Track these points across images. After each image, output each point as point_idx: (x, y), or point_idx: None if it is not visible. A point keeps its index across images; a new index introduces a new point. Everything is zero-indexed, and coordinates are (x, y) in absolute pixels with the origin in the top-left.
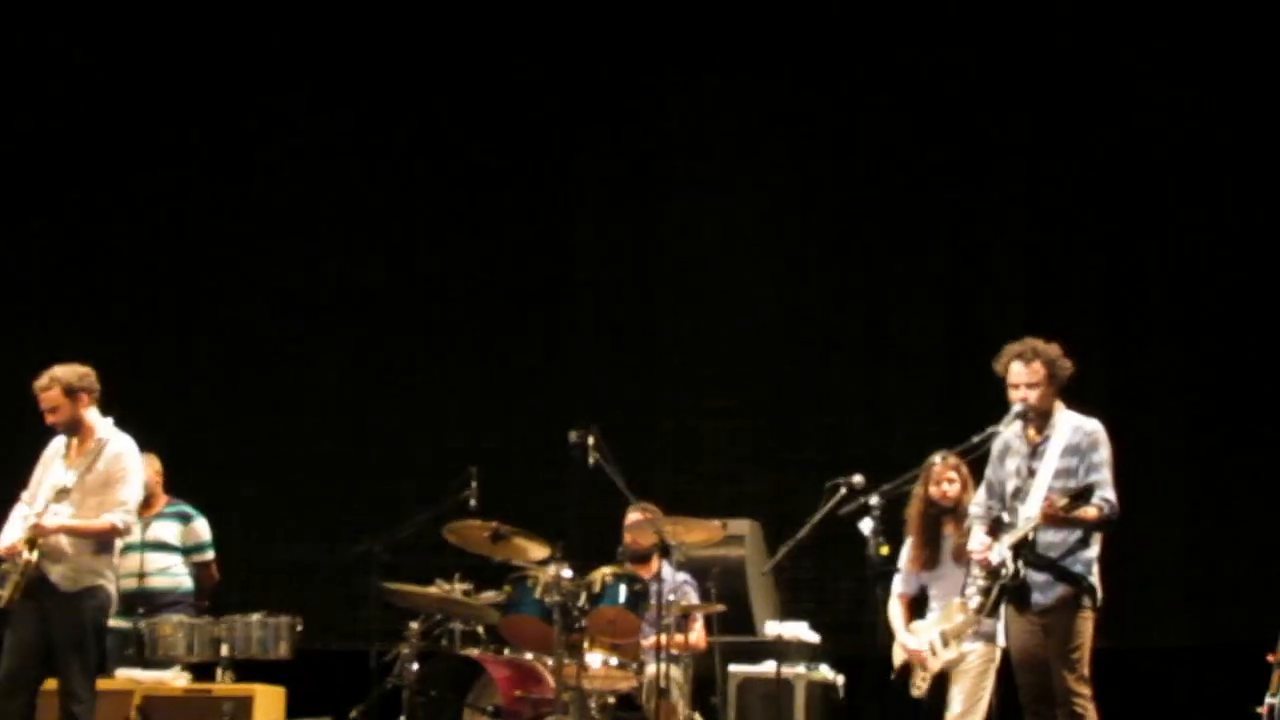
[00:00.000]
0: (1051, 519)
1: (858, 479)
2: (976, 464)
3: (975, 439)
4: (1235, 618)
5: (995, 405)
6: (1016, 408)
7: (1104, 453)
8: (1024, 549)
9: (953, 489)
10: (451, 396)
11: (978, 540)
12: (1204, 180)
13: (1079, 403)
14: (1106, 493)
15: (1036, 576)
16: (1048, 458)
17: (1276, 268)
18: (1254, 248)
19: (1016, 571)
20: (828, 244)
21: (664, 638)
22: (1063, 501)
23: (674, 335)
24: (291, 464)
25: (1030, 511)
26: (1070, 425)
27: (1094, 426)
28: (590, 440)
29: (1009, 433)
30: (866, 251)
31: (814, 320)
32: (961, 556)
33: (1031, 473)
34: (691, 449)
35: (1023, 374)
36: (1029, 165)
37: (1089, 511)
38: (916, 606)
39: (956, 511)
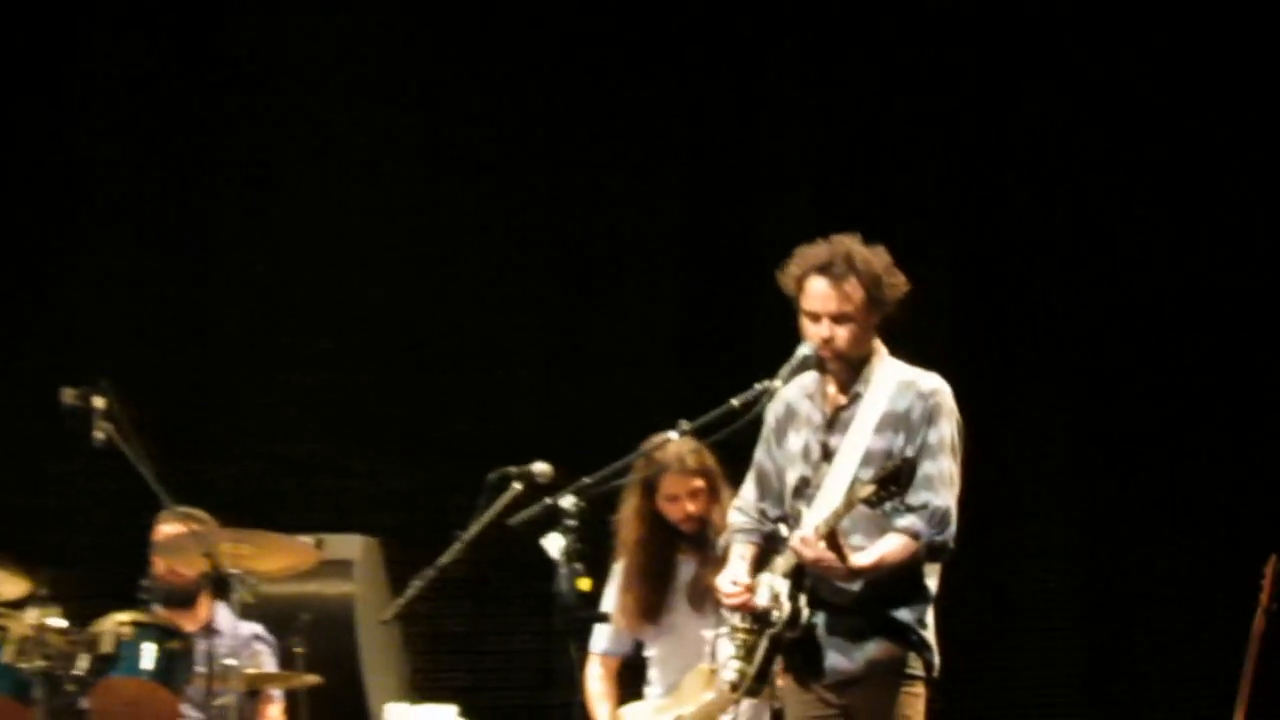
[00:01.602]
0: (816, 562)
1: (540, 469)
2: (738, 446)
3: (736, 401)
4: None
5: (766, 351)
6: (804, 349)
7: (946, 430)
8: (812, 582)
9: (694, 504)
10: None
11: (733, 574)
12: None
13: (919, 356)
14: (935, 497)
15: (833, 627)
16: (855, 432)
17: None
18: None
19: (796, 617)
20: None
21: None
22: (832, 521)
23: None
24: None
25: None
26: (895, 382)
27: (932, 385)
28: (97, 403)
29: (793, 391)
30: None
31: (461, 238)
32: (706, 597)
33: (828, 455)
34: (269, 424)
35: (828, 297)
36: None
37: (891, 546)
38: (631, 676)
39: (702, 532)
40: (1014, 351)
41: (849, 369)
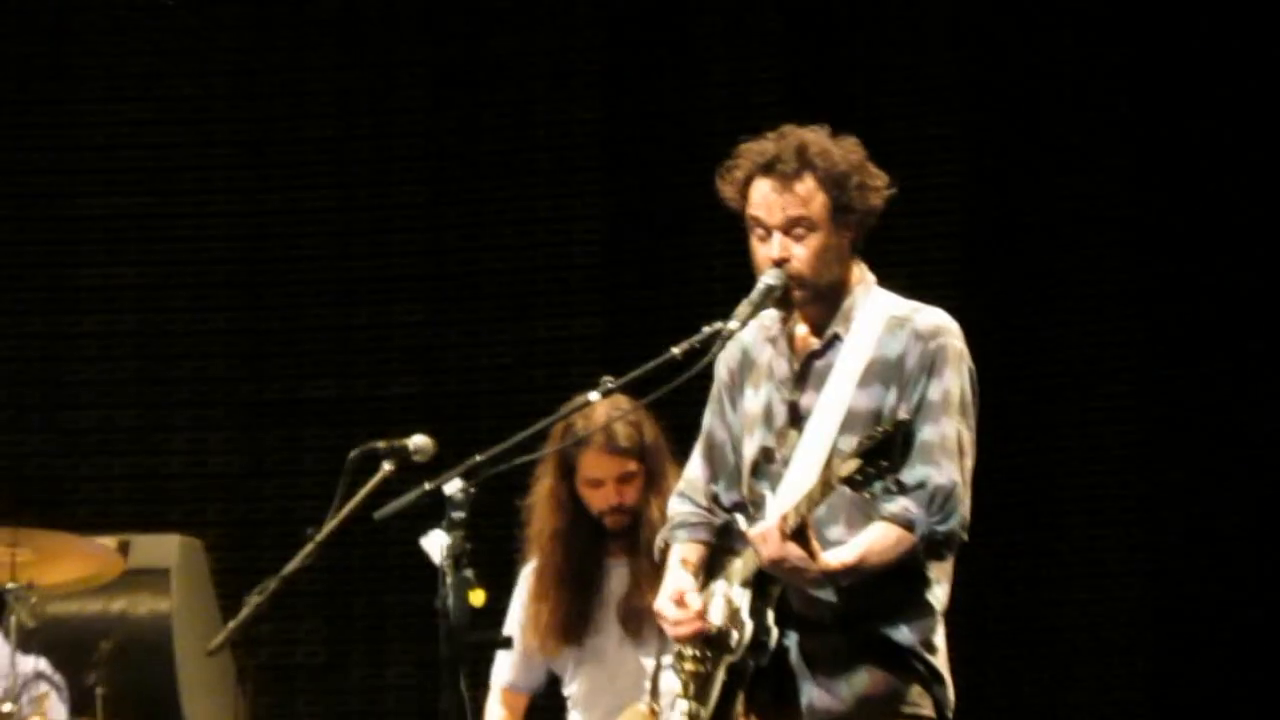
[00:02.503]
0: (780, 562)
1: (418, 443)
2: (686, 411)
3: (678, 350)
4: None
5: (717, 286)
6: (767, 278)
7: (952, 381)
8: (781, 591)
9: (625, 492)
10: None
11: (676, 586)
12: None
13: (921, 286)
14: (936, 472)
15: (811, 652)
16: (833, 386)
17: None
18: None
19: (761, 640)
20: None
21: None
22: (803, 507)
23: None
24: None
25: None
26: (884, 319)
27: (933, 322)
28: None
29: (752, 335)
30: None
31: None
32: (644, 616)
33: (797, 418)
34: (50, 385)
35: (775, 204)
36: None
37: (877, 538)
38: (544, 718)
39: (636, 529)
40: (1046, 274)
41: (823, 304)
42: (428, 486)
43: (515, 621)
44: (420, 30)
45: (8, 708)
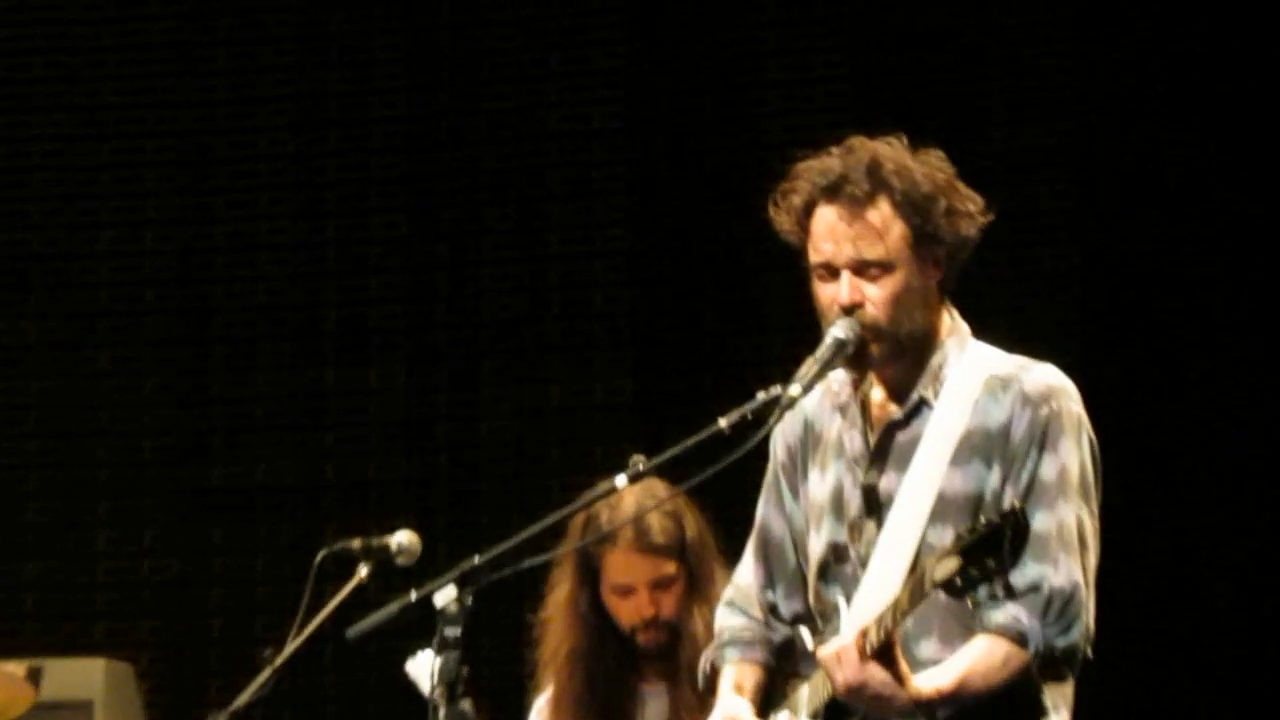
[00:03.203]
0: (859, 689)
1: (402, 541)
2: (736, 496)
3: (726, 422)
4: None
5: (772, 339)
6: (836, 331)
7: (1070, 456)
8: None
9: (662, 602)
10: None
11: (727, 716)
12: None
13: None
14: (1053, 572)
15: None
16: (921, 464)
17: None
18: None
19: None
20: None
21: None
22: (888, 620)
23: None
24: None
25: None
26: (982, 380)
27: (1044, 382)
28: None
29: (816, 404)
30: None
31: None
32: None
33: (876, 505)
34: None
35: (845, 235)
36: None
37: (980, 657)
38: None
39: (675, 647)
40: (1181, 326)
41: (905, 361)
42: (414, 596)
43: None
44: (399, 18)
45: None
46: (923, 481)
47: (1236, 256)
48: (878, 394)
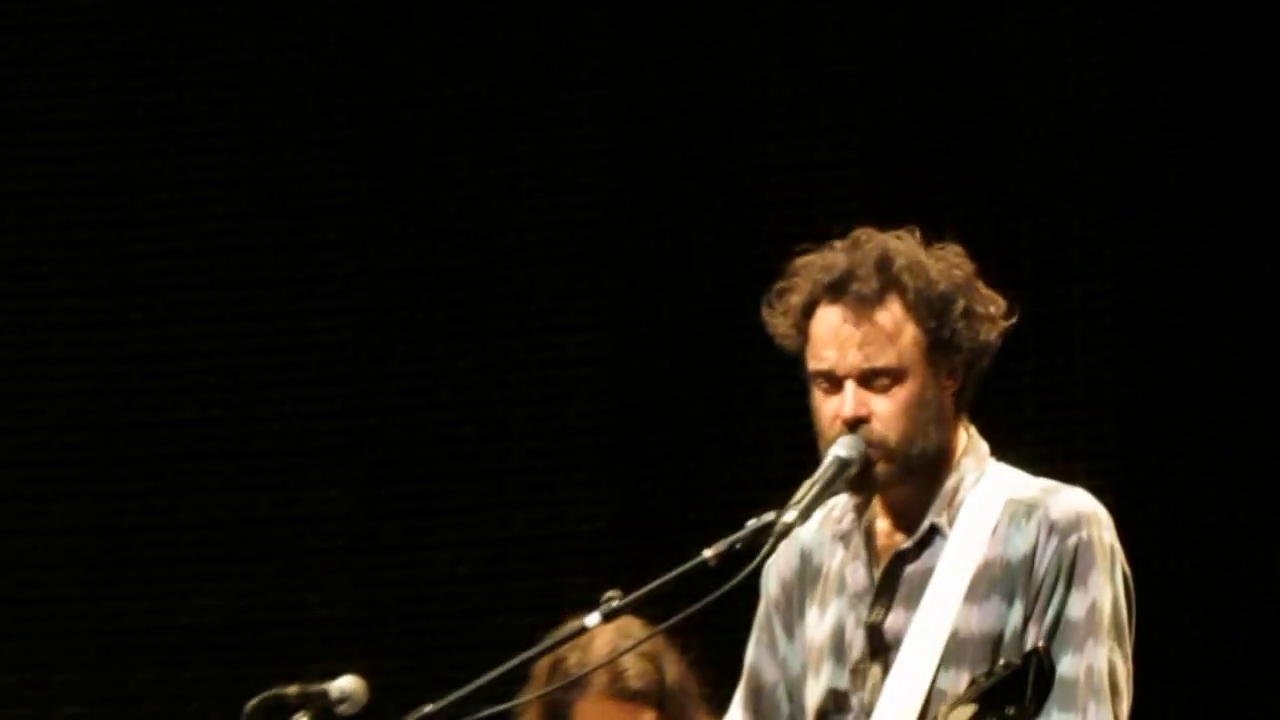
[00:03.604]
0: None
1: (344, 688)
2: (725, 638)
3: (710, 553)
4: None
5: (766, 461)
6: (839, 450)
7: (1102, 591)
8: None
9: None
10: None
11: None
12: None
13: (1058, 457)
14: (1096, 710)
15: None
16: (933, 601)
17: None
18: None
19: None
20: None
21: None
22: None
23: None
24: None
25: None
26: (1002, 503)
27: (1073, 508)
28: None
29: (813, 533)
30: None
31: None
32: None
33: (881, 647)
34: None
35: (851, 340)
36: None
37: None
38: None
39: None
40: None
41: (916, 483)
42: None
43: None
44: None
45: None
46: (934, 620)
47: None
48: (884, 522)
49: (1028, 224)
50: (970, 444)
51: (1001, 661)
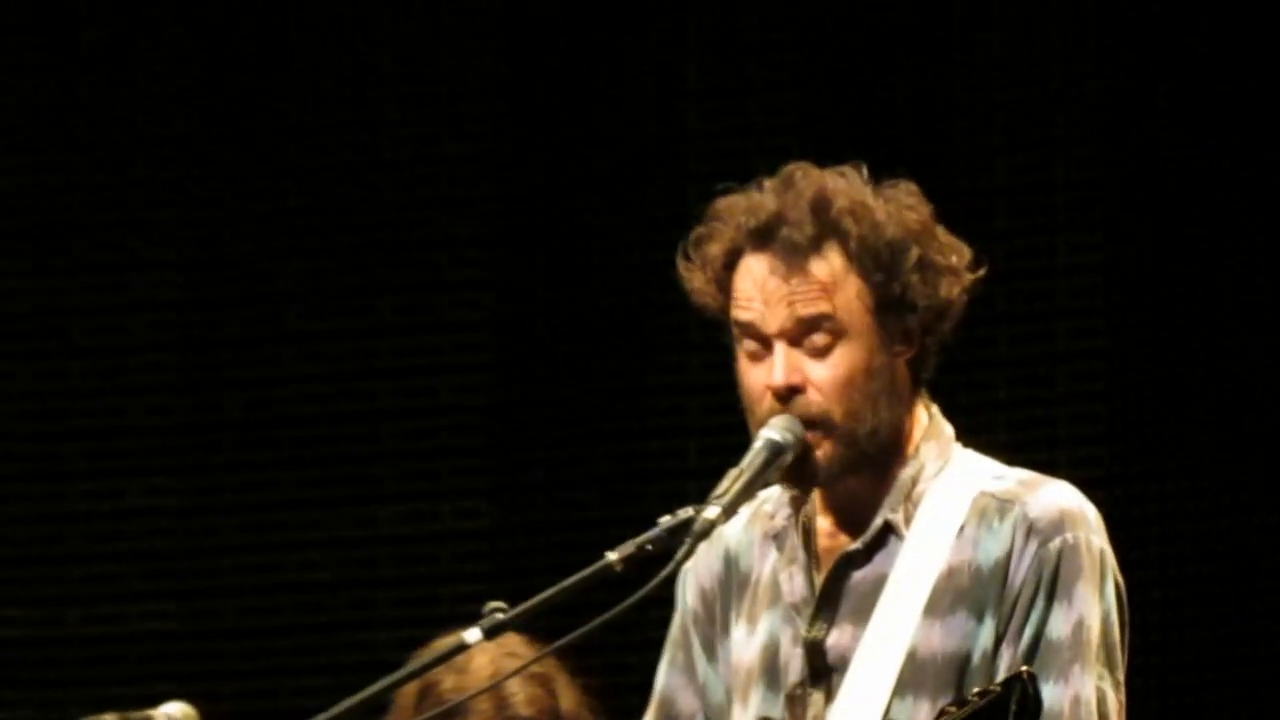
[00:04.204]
0: None
1: (172, 714)
2: (622, 656)
3: (616, 555)
4: None
5: (676, 449)
6: (770, 432)
7: (1089, 606)
8: None
9: None
10: None
11: None
12: None
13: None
14: None
15: None
16: (886, 615)
17: None
18: None
19: None
20: None
21: None
22: None
23: None
24: None
25: None
26: (970, 497)
27: (1058, 506)
28: None
29: (740, 531)
30: None
31: None
32: None
33: (823, 668)
34: None
35: (782, 295)
36: None
37: None
38: None
39: None
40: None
41: (864, 471)
42: None
43: None
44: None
45: None
46: (888, 637)
47: None
48: (826, 519)
49: (1001, 164)
50: (931, 426)
51: (976, 689)
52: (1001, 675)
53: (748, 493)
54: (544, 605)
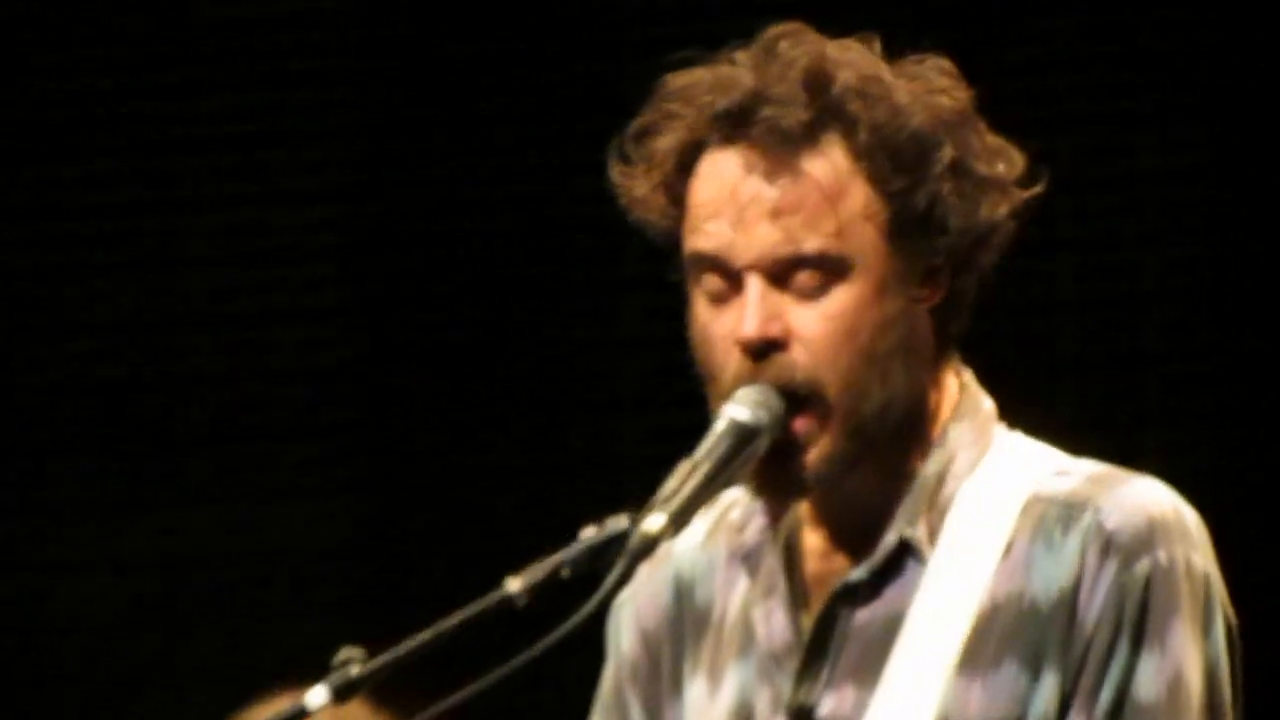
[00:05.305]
0: None
1: None
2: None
3: (515, 587)
4: None
5: (610, 432)
6: (734, 410)
7: (1188, 655)
8: None
9: None
10: None
11: None
12: None
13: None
14: None
15: None
16: (902, 665)
17: None
18: None
19: None
20: None
21: None
22: None
23: None
24: None
25: None
26: (1020, 501)
27: (1145, 514)
28: None
29: (696, 549)
30: None
31: None
32: None
33: None
34: None
35: (759, 207)
36: None
37: None
38: None
39: None
40: None
41: (870, 467)
42: None
43: None
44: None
45: None
46: (907, 703)
47: None
48: (817, 534)
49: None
50: (964, 401)
51: None
52: None
53: (704, 495)
54: (417, 653)
